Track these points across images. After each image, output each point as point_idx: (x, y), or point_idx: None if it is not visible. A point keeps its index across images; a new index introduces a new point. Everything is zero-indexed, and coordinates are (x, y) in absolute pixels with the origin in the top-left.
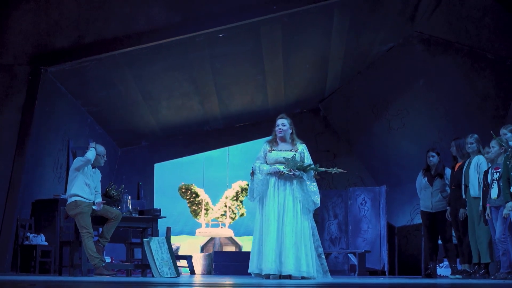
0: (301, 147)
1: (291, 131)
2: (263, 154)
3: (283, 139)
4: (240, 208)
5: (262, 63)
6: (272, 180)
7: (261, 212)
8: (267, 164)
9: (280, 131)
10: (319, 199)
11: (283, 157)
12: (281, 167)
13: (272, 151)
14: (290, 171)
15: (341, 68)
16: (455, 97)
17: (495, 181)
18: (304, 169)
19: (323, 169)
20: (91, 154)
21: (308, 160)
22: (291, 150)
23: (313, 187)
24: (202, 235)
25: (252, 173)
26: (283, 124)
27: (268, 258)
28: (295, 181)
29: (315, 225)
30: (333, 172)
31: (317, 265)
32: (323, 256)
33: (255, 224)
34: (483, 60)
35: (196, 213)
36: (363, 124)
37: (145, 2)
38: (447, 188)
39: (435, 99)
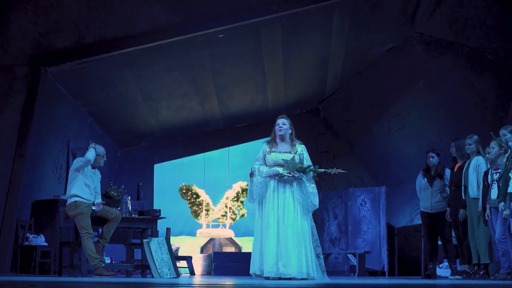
0: (300, 148)
1: (290, 131)
2: (262, 155)
3: (283, 139)
4: (241, 209)
5: (262, 63)
6: (272, 182)
7: (260, 214)
8: (266, 165)
9: (280, 129)
10: (317, 200)
11: (282, 159)
12: (280, 169)
13: (271, 153)
14: (290, 173)
15: (341, 68)
16: (455, 97)
17: (495, 182)
18: (303, 171)
19: (322, 170)
20: (90, 154)
21: (307, 161)
22: (290, 152)
23: (312, 188)
24: (203, 235)
25: (251, 174)
26: (283, 123)
27: (269, 262)
28: (294, 183)
29: (314, 225)
30: (332, 173)
31: (316, 265)
32: (321, 256)
33: (255, 225)
34: (483, 61)
35: (196, 214)
36: (363, 125)
37: (145, 2)
38: (447, 189)
39: (435, 100)
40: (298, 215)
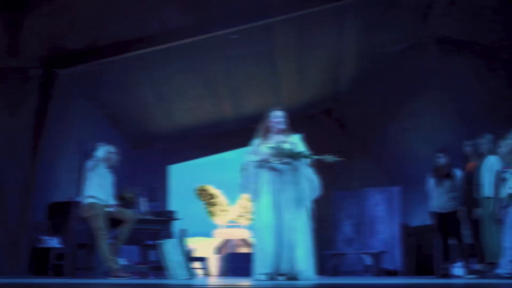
0: (296, 137)
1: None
2: (253, 151)
3: (277, 132)
4: None
5: (275, 64)
6: (265, 176)
7: (256, 211)
8: None
9: (279, 122)
10: (318, 190)
11: (270, 147)
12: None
13: (263, 145)
14: (276, 156)
15: (354, 69)
16: (469, 97)
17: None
18: (293, 156)
19: (316, 156)
20: (100, 152)
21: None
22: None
23: (310, 174)
24: (220, 236)
25: (243, 168)
26: (279, 116)
27: (271, 261)
28: (290, 179)
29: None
30: (327, 161)
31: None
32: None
33: (254, 224)
34: (496, 59)
35: (213, 214)
36: (377, 125)
37: (158, 4)
38: (457, 189)
39: (448, 100)
40: (295, 211)
